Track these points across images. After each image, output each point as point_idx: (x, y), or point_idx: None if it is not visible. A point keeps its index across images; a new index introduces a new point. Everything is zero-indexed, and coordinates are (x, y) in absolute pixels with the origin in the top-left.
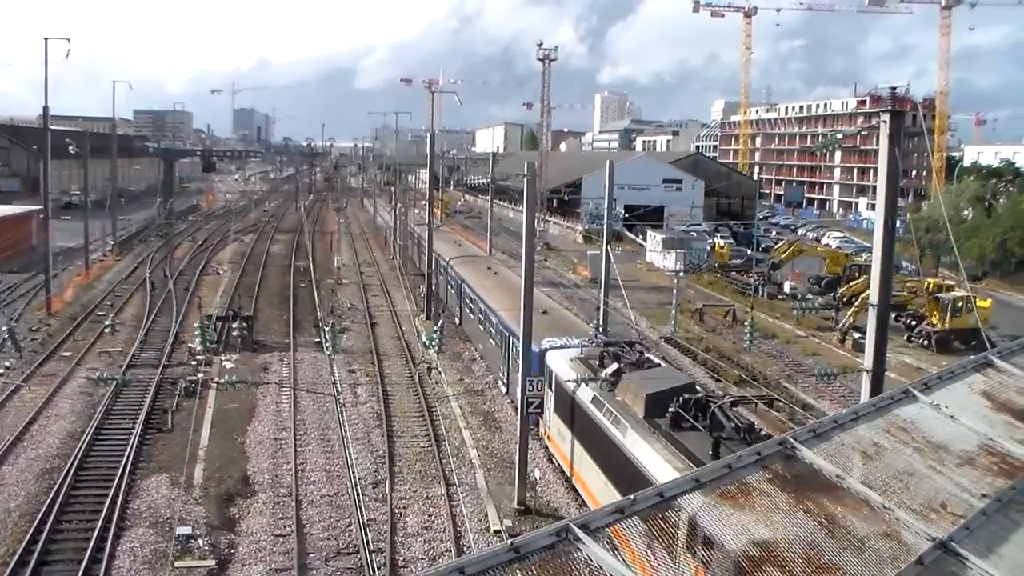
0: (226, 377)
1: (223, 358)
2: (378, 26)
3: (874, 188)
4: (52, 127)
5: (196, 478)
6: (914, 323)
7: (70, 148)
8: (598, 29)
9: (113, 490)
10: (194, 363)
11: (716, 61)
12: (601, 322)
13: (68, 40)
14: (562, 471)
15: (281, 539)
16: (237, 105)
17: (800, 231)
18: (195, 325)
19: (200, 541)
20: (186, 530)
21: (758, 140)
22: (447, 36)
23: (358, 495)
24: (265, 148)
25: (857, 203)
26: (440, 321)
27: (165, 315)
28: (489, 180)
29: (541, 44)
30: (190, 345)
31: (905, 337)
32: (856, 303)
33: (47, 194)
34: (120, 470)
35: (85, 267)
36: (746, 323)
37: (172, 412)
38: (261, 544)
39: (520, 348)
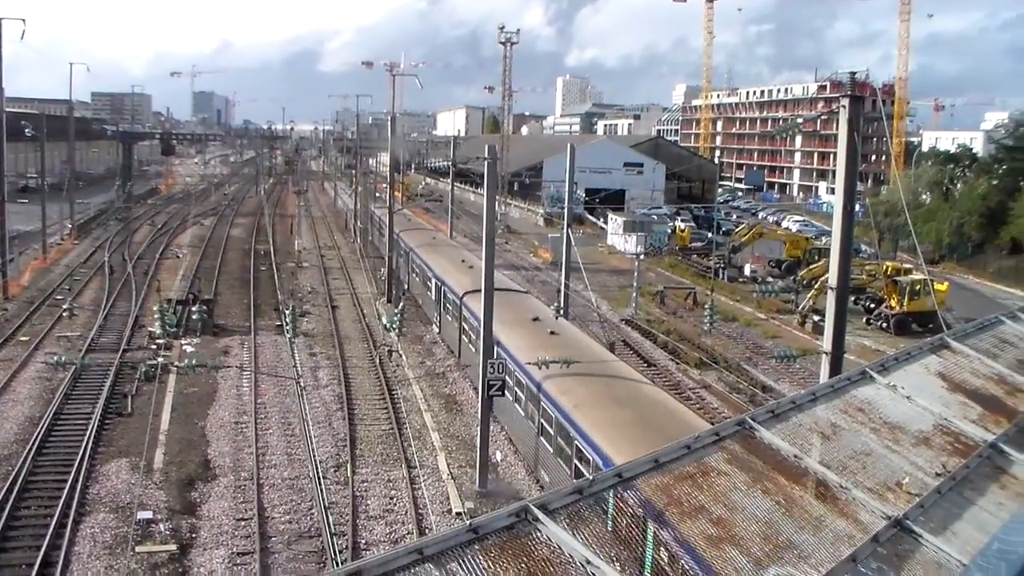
0: (186, 361)
1: (183, 342)
2: (345, 8)
3: (834, 172)
4: (7, 109)
5: (156, 462)
6: (873, 306)
7: (26, 130)
8: (567, 12)
9: (72, 475)
10: (154, 347)
11: (684, 45)
12: (561, 304)
13: (23, 21)
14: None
15: (243, 523)
16: (197, 88)
17: (760, 215)
18: (155, 309)
19: (161, 526)
20: (147, 515)
21: (719, 124)
22: (415, 18)
23: (319, 478)
24: (225, 131)
25: (817, 187)
26: (401, 304)
27: (124, 299)
28: (450, 163)
29: (503, 27)
30: (150, 329)
31: (864, 320)
32: (815, 286)
33: (2, 177)
34: (79, 455)
35: (42, 251)
36: (707, 306)
37: (132, 396)
38: (223, 528)
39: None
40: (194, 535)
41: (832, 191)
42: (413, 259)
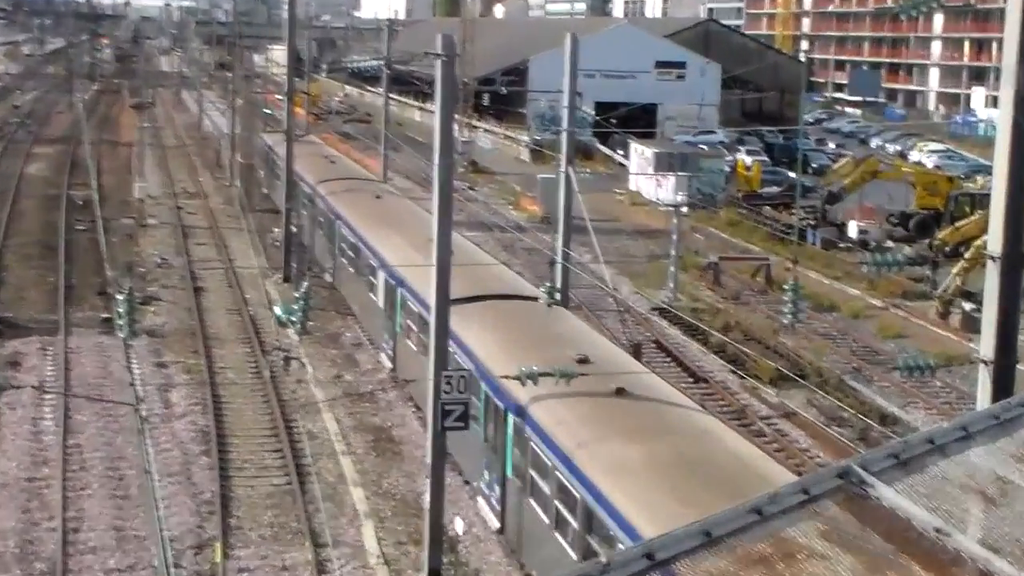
0: None
1: None
2: None
3: (996, 72)
4: None
5: None
6: None
7: None
8: None
9: None
10: None
11: None
12: (558, 283)
13: None
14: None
15: None
16: None
17: (875, 142)
18: None
19: None
20: None
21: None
22: None
23: (168, 568)
24: (12, 5)
25: (969, 96)
26: (305, 284)
27: None
28: (383, 64)
29: None
30: None
31: None
32: (967, 255)
33: None
34: None
35: None
36: (787, 286)
37: None
38: None
39: None
40: None
41: (994, 102)
42: (342, 232)
